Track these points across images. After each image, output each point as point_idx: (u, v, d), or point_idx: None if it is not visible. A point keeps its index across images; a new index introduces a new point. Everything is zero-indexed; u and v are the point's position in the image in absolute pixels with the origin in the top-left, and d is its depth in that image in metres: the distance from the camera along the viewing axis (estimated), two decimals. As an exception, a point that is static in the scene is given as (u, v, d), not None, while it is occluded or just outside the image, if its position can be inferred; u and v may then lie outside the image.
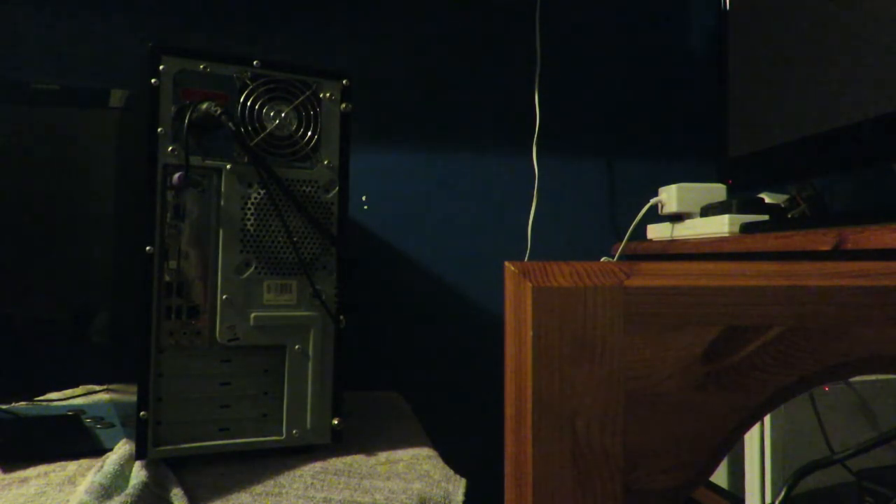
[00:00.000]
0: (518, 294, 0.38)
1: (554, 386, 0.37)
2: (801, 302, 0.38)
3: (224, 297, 0.79)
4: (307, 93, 0.83)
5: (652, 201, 1.28)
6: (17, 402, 1.00)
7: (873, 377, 0.86)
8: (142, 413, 0.75)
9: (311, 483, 0.75)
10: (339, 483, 0.76)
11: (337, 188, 0.85)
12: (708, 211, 1.16)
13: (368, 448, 0.87)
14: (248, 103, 0.80)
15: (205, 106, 0.77)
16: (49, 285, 1.01)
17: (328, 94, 0.85)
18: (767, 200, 1.14)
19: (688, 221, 1.22)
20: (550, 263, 0.38)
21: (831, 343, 0.39)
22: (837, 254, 0.80)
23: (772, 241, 0.92)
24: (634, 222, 1.28)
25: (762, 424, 0.84)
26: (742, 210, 1.09)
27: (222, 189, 0.79)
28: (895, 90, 0.86)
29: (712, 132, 1.44)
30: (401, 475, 0.79)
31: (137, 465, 0.74)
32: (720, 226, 1.10)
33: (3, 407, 0.97)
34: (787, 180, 1.14)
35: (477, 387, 1.37)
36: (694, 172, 1.46)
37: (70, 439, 0.86)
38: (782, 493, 0.66)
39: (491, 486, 0.92)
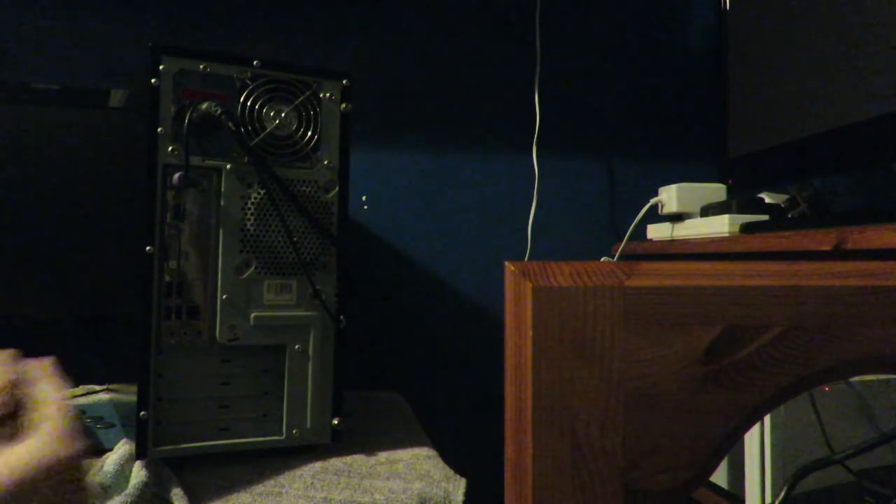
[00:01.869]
0: (518, 294, 0.38)
1: (554, 386, 0.37)
2: (801, 302, 0.38)
3: (224, 297, 0.79)
4: (307, 93, 0.83)
5: (652, 201, 1.28)
6: (17, 402, 1.00)
7: (873, 377, 0.86)
8: (142, 413, 0.75)
9: (312, 483, 0.75)
10: (339, 483, 0.76)
11: (337, 188, 0.85)
12: (708, 211, 1.16)
13: (368, 448, 0.87)
14: (248, 103, 0.80)
15: (205, 106, 0.77)
16: (48, 285, 1.01)
17: (328, 94, 0.85)
18: (767, 200, 1.14)
19: (688, 221, 1.22)
20: (550, 263, 0.38)
21: (831, 343, 0.39)
22: (837, 254, 0.80)
23: (772, 241, 0.92)
24: (634, 222, 1.28)
25: (762, 424, 0.84)
26: (742, 210, 1.09)
27: (222, 189, 0.79)
28: (895, 90, 0.86)
29: (712, 132, 1.44)
30: (401, 475, 0.79)
31: (137, 465, 0.74)
32: (720, 226, 1.10)
33: (3, 407, 0.97)
34: (787, 180, 1.14)
35: (477, 387, 1.37)
36: (694, 172, 1.46)
37: (70, 439, 0.85)
38: (782, 493, 0.66)
39: (491, 486, 0.93)
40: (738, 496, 0.91)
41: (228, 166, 0.79)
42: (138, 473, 0.72)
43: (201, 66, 0.78)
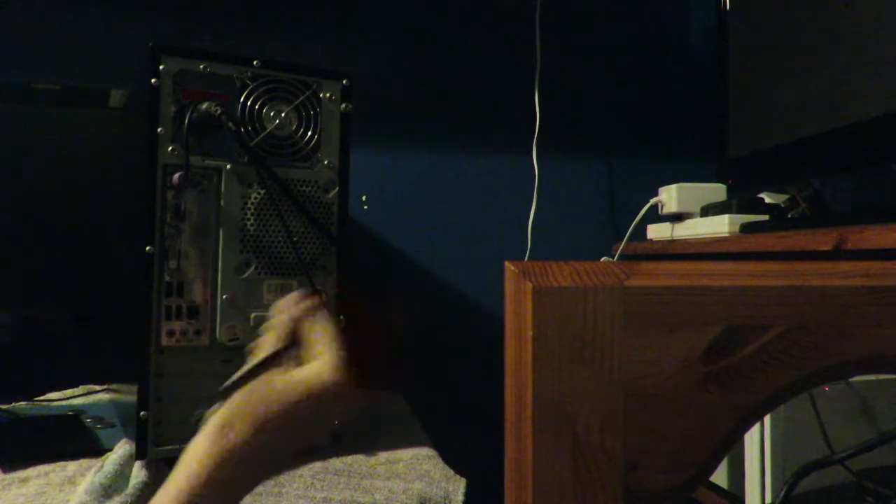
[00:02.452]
0: (518, 294, 0.38)
1: (554, 386, 0.37)
2: (801, 302, 0.38)
3: (224, 297, 0.79)
4: (307, 93, 0.83)
5: (652, 201, 1.28)
6: (17, 402, 1.00)
7: (873, 377, 0.86)
8: (142, 413, 0.75)
9: (311, 483, 0.75)
10: (339, 483, 0.76)
11: (337, 188, 0.85)
12: (708, 211, 1.16)
13: (368, 448, 0.87)
14: (248, 103, 0.80)
15: (205, 106, 0.77)
16: (49, 285, 1.01)
17: (328, 94, 0.85)
18: (767, 200, 1.14)
19: (688, 221, 1.22)
20: (550, 263, 0.38)
21: (831, 343, 0.39)
22: (837, 254, 0.80)
23: (772, 241, 0.92)
24: (634, 222, 1.28)
25: (762, 424, 0.84)
26: (742, 210, 1.09)
27: (222, 189, 0.79)
28: (895, 90, 0.86)
29: (712, 132, 1.44)
30: (401, 475, 0.79)
31: (137, 465, 0.74)
32: (720, 226, 1.10)
33: (3, 407, 0.97)
34: (787, 180, 1.14)
35: (477, 387, 1.37)
36: (694, 172, 1.46)
37: (70, 439, 0.86)
38: (782, 493, 0.66)
39: (491, 486, 0.92)
40: (738, 496, 0.91)
41: (228, 166, 0.79)
42: (138, 473, 0.72)
43: (201, 66, 0.78)
